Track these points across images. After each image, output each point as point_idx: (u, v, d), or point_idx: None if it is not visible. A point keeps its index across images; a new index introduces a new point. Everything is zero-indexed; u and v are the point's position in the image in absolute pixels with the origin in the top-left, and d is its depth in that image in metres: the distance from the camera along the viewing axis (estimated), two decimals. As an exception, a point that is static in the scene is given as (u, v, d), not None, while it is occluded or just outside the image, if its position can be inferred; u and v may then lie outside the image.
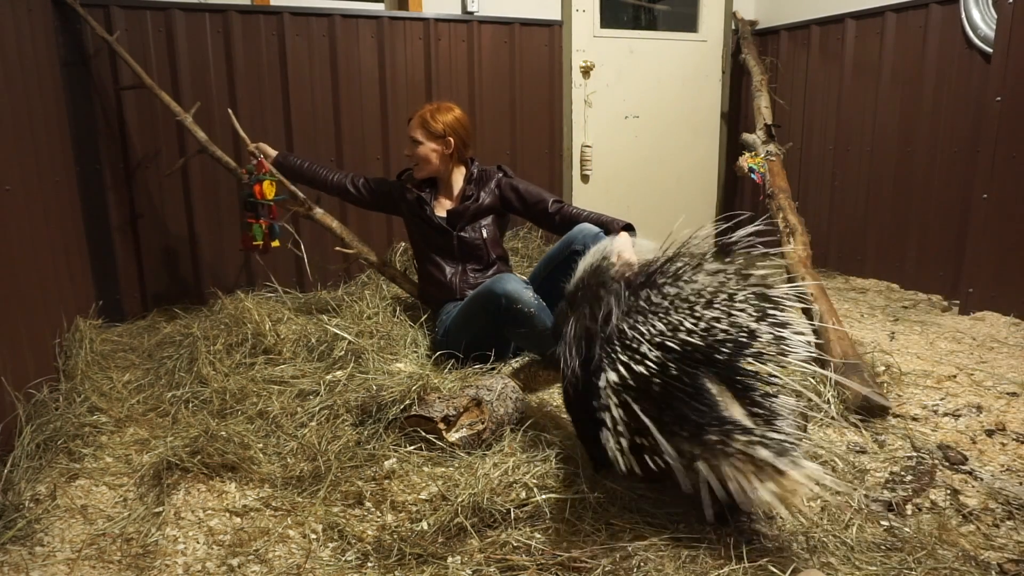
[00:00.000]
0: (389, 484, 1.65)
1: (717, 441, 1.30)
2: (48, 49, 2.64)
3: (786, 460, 1.26)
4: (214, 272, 3.27)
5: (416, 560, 1.40)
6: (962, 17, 3.07)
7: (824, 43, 3.80)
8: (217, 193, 3.21)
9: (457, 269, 2.58)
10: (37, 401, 1.99)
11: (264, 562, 1.42)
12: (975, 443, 1.86)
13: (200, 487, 1.68)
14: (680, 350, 1.37)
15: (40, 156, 2.37)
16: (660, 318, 1.44)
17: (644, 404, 1.36)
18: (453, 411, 1.81)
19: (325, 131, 3.35)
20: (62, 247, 2.51)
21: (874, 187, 3.57)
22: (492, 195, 2.59)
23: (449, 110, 2.57)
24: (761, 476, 1.26)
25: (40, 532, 1.53)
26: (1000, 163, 2.82)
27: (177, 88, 3.06)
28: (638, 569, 1.33)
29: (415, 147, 2.57)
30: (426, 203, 2.59)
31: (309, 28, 3.24)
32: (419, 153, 2.56)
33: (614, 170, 4.07)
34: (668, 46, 4.09)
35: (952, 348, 2.57)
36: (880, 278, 3.58)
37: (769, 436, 1.29)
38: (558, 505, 1.54)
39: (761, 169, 3.32)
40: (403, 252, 3.36)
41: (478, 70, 3.59)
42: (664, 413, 1.35)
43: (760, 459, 1.26)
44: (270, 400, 2.03)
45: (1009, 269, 2.83)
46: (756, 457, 1.26)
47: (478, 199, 2.57)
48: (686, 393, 1.34)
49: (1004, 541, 1.45)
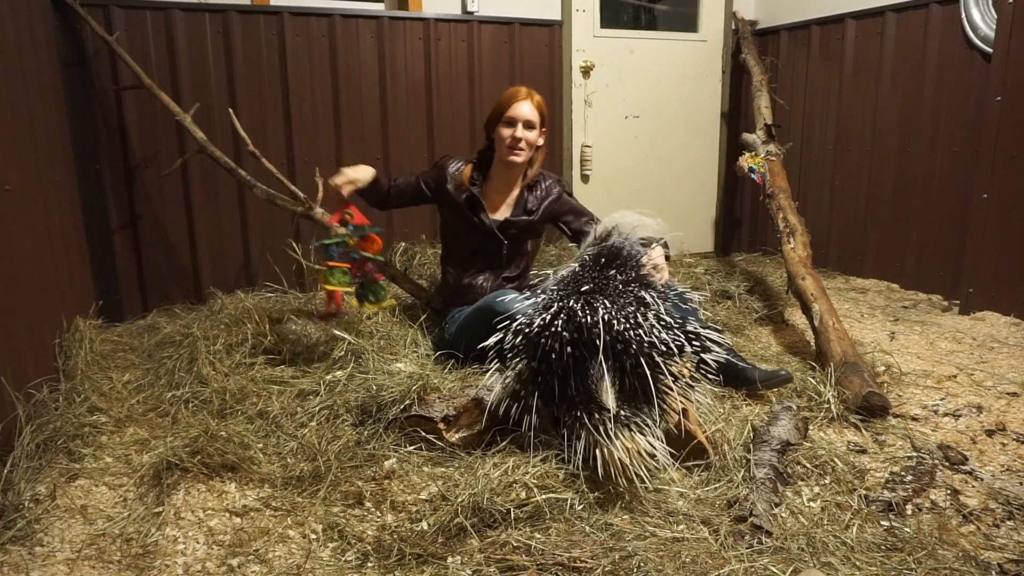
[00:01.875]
0: (389, 484, 1.65)
1: (579, 415, 1.62)
2: (48, 49, 2.64)
3: (625, 435, 1.58)
4: (214, 272, 3.27)
5: (416, 560, 1.40)
6: (962, 17, 3.07)
7: (824, 43, 3.80)
8: (217, 193, 3.21)
9: (489, 276, 2.45)
10: (37, 401, 1.99)
11: (264, 562, 1.42)
12: (975, 443, 1.86)
13: (200, 487, 1.68)
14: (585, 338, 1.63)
15: (40, 156, 2.37)
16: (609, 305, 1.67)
17: (547, 378, 1.66)
18: (453, 411, 1.81)
19: (325, 131, 3.36)
20: (62, 247, 2.51)
21: (874, 187, 3.57)
22: (548, 212, 2.45)
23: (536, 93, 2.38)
24: (601, 442, 1.58)
25: (40, 532, 1.53)
26: (1000, 163, 2.82)
27: (177, 88, 3.06)
28: (638, 569, 1.33)
29: (528, 131, 2.33)
30: (480, 207, 2.41)
31: (309, 28, 3.24)
32: (530, 139, 2.33)
33: (614, 170, 4.07)
34: (668, 46, 4.10)
35: (952, 348, 2.57)
36: (880, 278, 3.58)
37: (620, 415, 1.60)
38: (558, 505, 1.54)
39: (761, 169, 3.32)
40: (403, 252, 3.37)
41: (478, 70, 3.59)
42: (559, 388, 1.65)
43: (601, 431, 1.58)
44: (270, 400, 2.03)
45: (1009, 269, 2.83)
46: (596, 428, 1.59)
47: (536, 214, 2.42)
48: (576, 375, 1.63)
49: (1004, 541, 1.45)
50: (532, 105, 2.33)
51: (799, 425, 1.88)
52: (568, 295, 1.71)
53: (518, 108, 2.33)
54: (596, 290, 1.71)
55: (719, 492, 1.63)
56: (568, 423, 1.65)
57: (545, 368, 1.66)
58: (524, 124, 2.32)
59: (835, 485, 1.66)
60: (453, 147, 3.60)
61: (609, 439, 1.57)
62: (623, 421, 1.60)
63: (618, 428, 1.58)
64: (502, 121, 2.35)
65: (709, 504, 1.59)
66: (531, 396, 1.69)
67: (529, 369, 1.70)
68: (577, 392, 1.63)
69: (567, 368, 1.63)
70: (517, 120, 2.32)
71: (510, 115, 2.33)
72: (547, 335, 1.65)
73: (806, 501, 1.61)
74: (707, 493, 1.63)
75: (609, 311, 1.64)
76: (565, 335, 1.63)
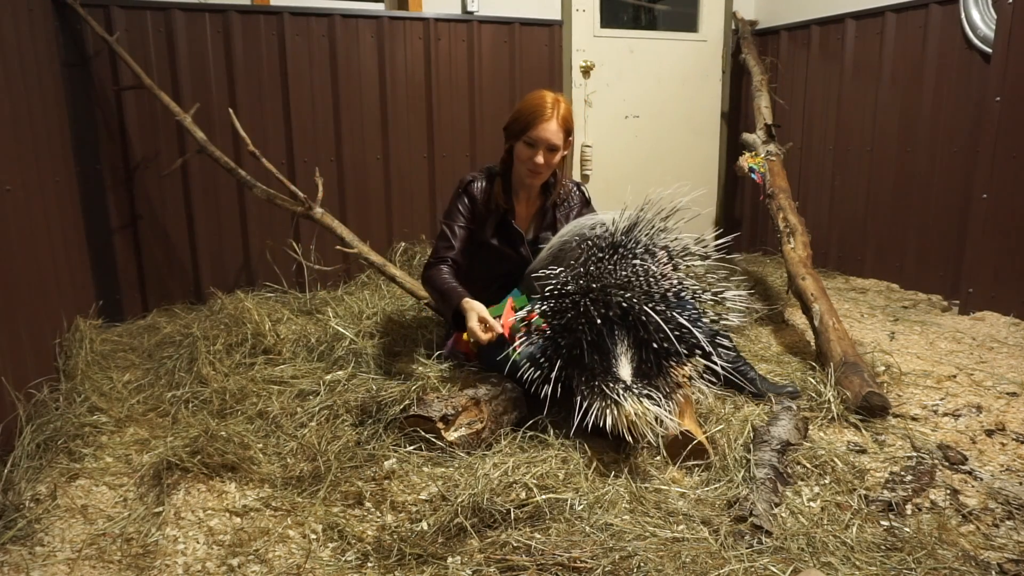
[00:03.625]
0: (389, 484, 1.65)
1: (598, 384, 1.74)
2: (48, 49, 2.64)
3: (635, 400, 1.69)
4: (214, 272, 3.27)
5: (416, 560, 1.40)
6: (962, 17, 3.07)
7: (824, 43, 3.80)
8: (217, 193, 3.21)
9: (491, 287, 2.27)
10: (37, 401, 1.99)
11: (264, 562, 1.43)
12: (975, 443, 1.86)
13: (200, 487, 1.68)
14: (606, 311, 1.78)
15: (40, 156, 2.37)
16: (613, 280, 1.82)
17: (569, 352, 1.80)
18: (452, 410, 1.81)
19: (325, 131, 3.36)
20: (62, 247, 2.51)
21: (874, 187, 3.57)
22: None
23: (562, 97, 2.15)
24: (615, 409, 1.70)
25: (40, 532, 1.53)
26: (1000, 163, 2.82)
27: (177, 88, 3.06)
28: (638, 569, 1.33)
29: (551, 156, 2.10)
30: (518, 236, 2.22)
31: (309, 28, 3.25)
32: (553, 163, 2.12)
33: (614, 170, 4.07)
34: (668, 46, 4.10)
35: (952, 348, 2.57)
36: (880, 278, 3.58)
37: (634, 387, 1.73)
38: (558, 505, 1.54)
39: (761, 169, 3.32)
40: (403, 252, 3.37)
41: (478, 70, 3.59)
42: (578, 359, 1.79)
43: (614, 399, 1.70)
44: (270, 400, 2.03)
45: (1009, 269, 2.83)
46: (612, 397, 1.70)
47: (558, 228, 2.19)
48: (595, 348, 1.78)
49: (1004, 541, 1.45)
50: (558, 124, 2.08)
51: (799, 425, 1.88)
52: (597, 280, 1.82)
53: (542, 130, 2.08)
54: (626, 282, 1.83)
55: (719, 492, 1.63)
56: (584, 391, 1.75)
57: (569, 340, 1.79)
58: (547, 148, 2.09)
59: (835, 485, 1.66)
60: (453, 147, 3.60)
61: (621, 402, 1.68)
62: (635, 392, 1.71)
63: (630, 396, 1.70)
64: (523, 139, 2.11)
65: (709, 504, 1.59)
66: (552, 367, 1.80)
67: (552, 341, 1.82)
68: (598, 363, 1.77)
69: (591, 343, 1.76)
70: (539, 144, 2.09)
71: (533, 136, 2.09)
72: (576, 311, 1.78)
73: (806, 501, 1.61)
74: (707, 493, 1.63)
75: (638, 296, 1.78)
76: (592, 311, 1.76)
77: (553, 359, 1.81)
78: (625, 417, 1.66)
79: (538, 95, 2.14)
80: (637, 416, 1.65)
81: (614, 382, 1.72)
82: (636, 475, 1.70)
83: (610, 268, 1.85)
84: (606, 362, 1.78)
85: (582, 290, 1.82)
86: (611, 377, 1.74)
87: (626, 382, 1.73)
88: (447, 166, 3.60)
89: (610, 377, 1.74)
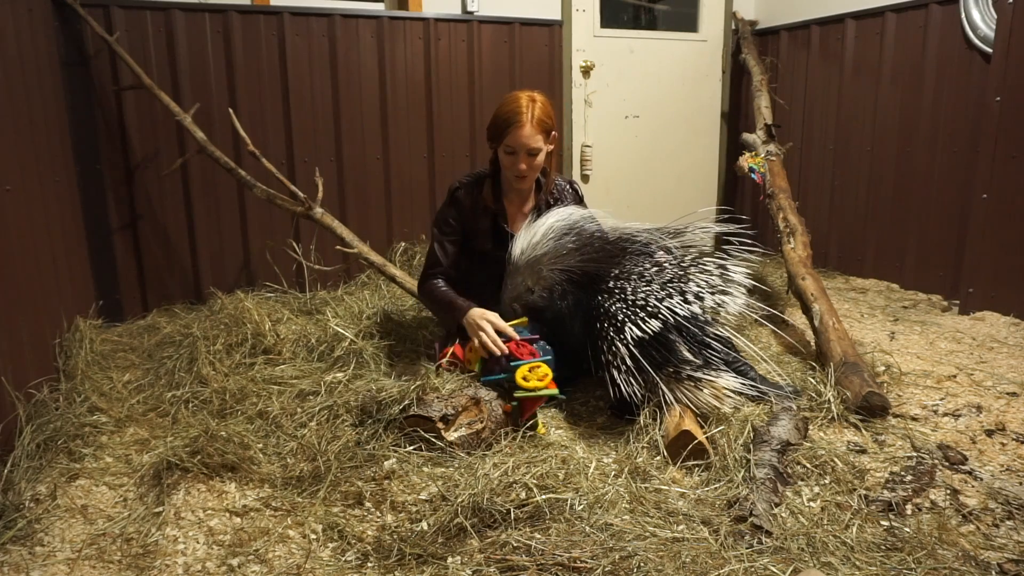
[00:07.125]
0: (389, 484, 1.65)
1: (673, 372, 1.89)
2: (48, 49, 2.64)
3: (713, 375, 1.92)
4: (214, 272, 3.27)
5: (416, 560, 1.40)
6: (962, 17, 3.07)
7: (824, 43, 3.80)
8: (217, 193, 3.21)
9: (488, 288, 2.20)
10: (37, 401, 1.99)
11: (264, 562, 1.43)
12: (975, 443, 1.86)
13: (200, 487, 1.68)
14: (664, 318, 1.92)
15: (40, 156, 2.37)
16: (652, 291, 1.97)
17: (639, 351, 1.90)
18: (451, 410, 1.81)
19: (325, 131, 3.36)
20: (62, 247, 2.51)
21: (874, 187, 3.57)
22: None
23: (538, 94, 2.12)
24: (701, 386, 1.90)
25: (40, 532, 1.53)
26: (1000, 163, 2.82)
27: (177, 88, 3.06)
28: (638, 569, 1.33)
29: (532, 159, 2.08)
30: (508, 235, 2.16)
31: (309, 28, 3.25)
32: (537, 165, 2.10)
33: (614, 170, 4.08)
34: (668, 46, 4.10)
35: (952, 348, 2.57)
36: (880, 278, 3.58)
37: (702, 368, 1.92)
38: (558, 505, 1.54)
39: (761, 169, 3.32)
40: (403, 252, 3.37)
41: (478, 70, 3.59)
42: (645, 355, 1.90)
43: (697, 377, 1.90)
44: (270, 400, 2.03)
45: (1009, 269, 2.83)
46: (696, 377, 1.90)
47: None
48: (659, 343, 1.90)
49: (1004, 541, 1.45)
50: (532, 127, 2.06)
51: (799, 425, 1.88)
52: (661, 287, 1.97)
53: (517, 137, 2.07)
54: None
55: (719, 492, 1.63)
56: (651, 380, 1.87)
57: (640, 341, 1.90)
58: (526, 152, 2.09)
59: (835, 485, 1.66)
60: (453, 147, 3.60)
61: (714, 380, 1.90)
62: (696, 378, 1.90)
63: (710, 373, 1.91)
64: (502, 146, 2.12)
65: (709, 504, 1.59)
66: (624, 367, 1.89)
67: (624, 344, 1.91)
68: (665, 359, 1.90)
69: (656, 342, 1.89)
70: (518, 150, 2.09)
71: (509, 144, 2.09)
72: (649, 319, 1.92)
73: (806, 501, 1.61)
74: (707, 493, 1.63)
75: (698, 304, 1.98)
76: (659, 318, 1.90)
77: (628, 360, 1.88)
78: (720, 392, 1.88)
79: (511, 100, 2.12)
80: (724, 392, 1.88)
81: (686, 367, 1.88)
82: (636, 475, 1.70)
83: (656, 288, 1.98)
84: (676, 355, 1.90)
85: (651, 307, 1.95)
86: (678, 365, 1.88)
87: (693, 361, 1.89)
88: (447, 166, 3.60)
89: (676, 366, 1.88)
